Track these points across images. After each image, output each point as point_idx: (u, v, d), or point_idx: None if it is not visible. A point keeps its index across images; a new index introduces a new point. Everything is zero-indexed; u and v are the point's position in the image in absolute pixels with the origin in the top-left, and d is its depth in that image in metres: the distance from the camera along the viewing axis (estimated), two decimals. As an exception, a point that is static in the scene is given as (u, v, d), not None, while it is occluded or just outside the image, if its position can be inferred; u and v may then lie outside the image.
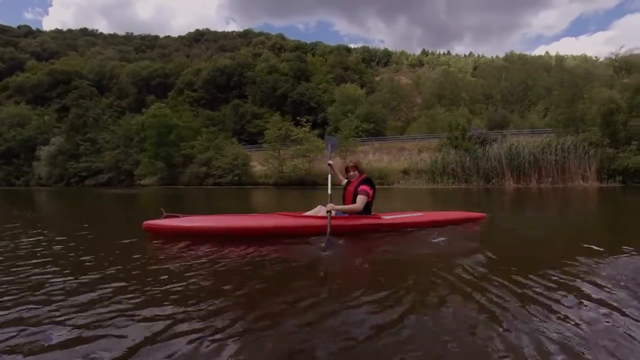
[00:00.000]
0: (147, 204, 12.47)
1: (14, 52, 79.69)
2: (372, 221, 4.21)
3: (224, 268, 2.80)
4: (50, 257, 3.35)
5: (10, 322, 1.90)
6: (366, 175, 4.32)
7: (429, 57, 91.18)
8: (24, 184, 49.17)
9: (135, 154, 39.01)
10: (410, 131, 38.67)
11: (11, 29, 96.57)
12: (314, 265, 2.93)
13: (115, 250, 3.57)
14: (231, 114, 46.78)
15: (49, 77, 64.13)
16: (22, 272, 2.81)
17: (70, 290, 2.39)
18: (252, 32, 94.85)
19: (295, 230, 3.88)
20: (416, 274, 2.63)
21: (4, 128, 53.93)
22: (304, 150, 26.10)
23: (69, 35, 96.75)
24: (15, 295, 2.29)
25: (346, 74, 58.29)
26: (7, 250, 3.72)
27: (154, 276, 2.64)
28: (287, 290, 2.28)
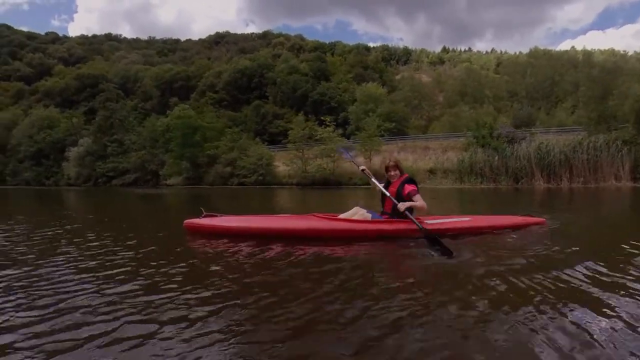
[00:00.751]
0: (175, 204, 12.75)
1: (43, 58, 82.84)
2: (414, 226, 3.79)
3: (260, 268, 2.84)
4: (97, 254, 3.48)
5: (53, 315, 1.95)
6: (408, 175, 4.07)
7: (449, 54, 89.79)
8: (53, 183, 50.92)
9: (161, 155, 39.82)
10: (433, 130, 38.17)
11: (39, 36, 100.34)
12: (347, 270, 2.79)
13: (157, 247, 3.72)
14: (252, 114, 47.21)
15: (76, 81, 66.45)
16: (68, 269, 2.89)
17: (113, 284, 2.47)
18: (271, 33, 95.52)
19: (332, 233, 3.77)
20: (469, 285, 2.35)
21: (34, 130, 56.03)
22: (328, 150, 26.07)
23: (94, 40, 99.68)
24: (57, 291, 2.36)
25: (366, 73, 58.00)
26: (44, 248, 3.86)
27: (193, 273, 2.74)
28: (318, 294, 2.24)
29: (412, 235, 3.76)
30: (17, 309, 2.09)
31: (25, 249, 3.82)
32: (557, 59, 56.59)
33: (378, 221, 3.87)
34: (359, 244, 3.60)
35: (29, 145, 55.12)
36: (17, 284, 2.55)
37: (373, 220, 3.87)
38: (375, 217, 3.95)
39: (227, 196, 16.84)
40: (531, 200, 10.75)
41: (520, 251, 3.30)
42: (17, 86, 74.37)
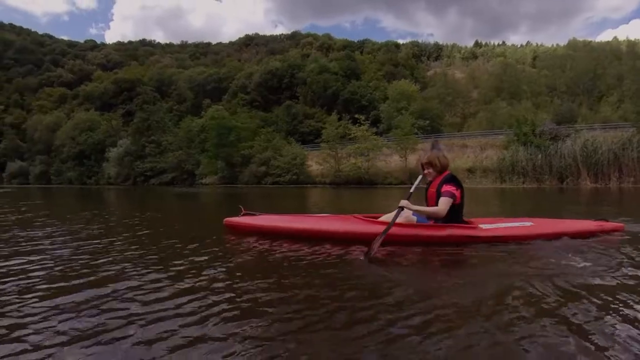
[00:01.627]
0: (211, 202, 12.89)
1: (82, 64, 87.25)
2: (465, 231, 3.38)
3: (297, 269, 2.76)
4: (139, 249, 3.58)
5: (91, 309, 1.98)
6: (450, 173, 3.52)
7: (482, 49, 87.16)
8: (94, 182, 53.45)
9: (197, 155, 40.85)
10: (469, 127, 37.23)
11: (79, 44, 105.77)
12: (383, 278, 2.59)
13: (197, 243, 3.73)
14: (283, 114, 47.59)
15: (114, 86, 69.54)
16: (109, 264, 2.96)
17: (154, 279, 2.51)
18: (300, 33, 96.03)
19: (373, 237, 3.53)
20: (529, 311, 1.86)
21: (76, 132, 59.05)
22: (363, 148, 25.85)
23: (130, 46, 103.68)
24: (97, 285, 2.40)
25: (397, 71, 57.31)
26: (86, 241, 4.01)
27: (227, 270, 2.74)
28: (344, 301, 2.11)
29: (467, 242, 3.34)
30: (57, 296, 2.20)
31: (69, 241, 4.09)
32: (598, 51, 53.79)
33: (426, 226, 3.45)
34: (402, 249, 3.27)
35: (72, 147, 58.23)
36: (59, 273, 2.71)
37: (419, 225, 3.46)
38: (422, 220, 3.53)
39: (261, 195, 16.85)
40: (587, 202, 10.21)
41: (603, 268, 2.60)
42: (59, 91, 78.74)
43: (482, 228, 3.46)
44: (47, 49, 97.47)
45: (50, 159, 62.71)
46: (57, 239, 4.22)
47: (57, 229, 5.25)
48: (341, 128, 28.05)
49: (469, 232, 3.39)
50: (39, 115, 69.55)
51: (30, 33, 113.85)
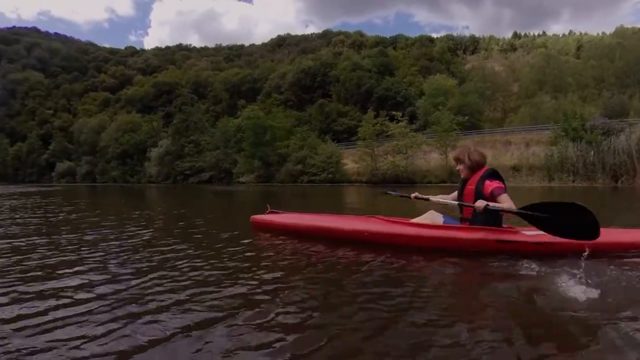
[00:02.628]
0: (246, 200, 13.30)
1: (124, 70, 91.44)
2: (502, 236, 3.00)
3: (312, 267, 2.82)
4: (172, 242, 3.92)
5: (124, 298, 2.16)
6: (491, 168, 3.22)
7: (522, 40, 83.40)
8: (136, 181, 55.73)
9: (234, 154, 41.79)
10: (511, 123, 35.75)
11: (120, 50, 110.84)
12: (400, 281, 2.47)
13: (224, 238, 4.04)
14: (317, 113, 47.73)
15: (154, 89, 72.53)
16: (141, 256, 3.29)
17: (182, 270, 2.74)
18: (331, 32, 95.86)
19: (393, 239, 3.33)
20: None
21: (119, 134, 62.01)
22: (401, 146, 25.38)
23: (167, 51, 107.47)
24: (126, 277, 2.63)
25: (432, 65, 55.93)
26: (123, 236, 4.37)
27: (247, 265, 2.85)
28: (352, 302, 2.09)
29: (503, 249, 2.94)
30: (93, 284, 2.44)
31: (111, 233, 4.59)
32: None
33: (451, 227, 3.19)
34: (426, 254, 3.07)
35: (115, 147, 61.14)
36: (101, 263, 3.03)
37: (444, 226, 3.23)
38: (450, 221, 3.32)
39: (295, 194, 17.11)
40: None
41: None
42: (103, 96, 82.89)
43: (523, 233, 3.04)
44: (90, 57, 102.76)
45: (95, 159, 66.09)
46: (107, 232, 4.64)
47: (108, 222, 5.79)
48: (378, 125, 27.60)
49: (506, 237, 2.99)
50: (85, 119, 73.50)
51: (74, 42, 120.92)
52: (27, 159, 75.19)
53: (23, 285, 2.47)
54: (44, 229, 5.19)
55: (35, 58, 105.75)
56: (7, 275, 2.67)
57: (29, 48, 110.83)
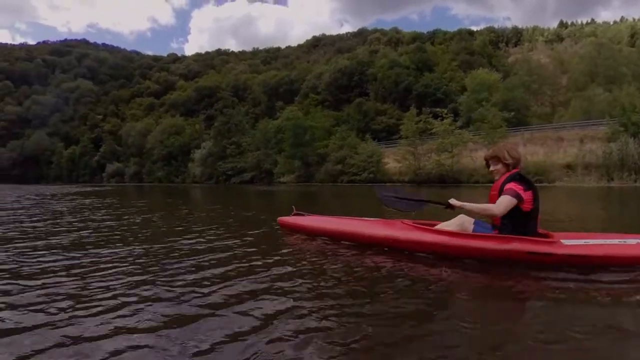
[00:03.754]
0: (283, 200, 13.49)
1: (167, 76, 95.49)
2: (536, 247, 2.72)
3: (330, 271, 2.79)
4: (203, 238, 4.24)
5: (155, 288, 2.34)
6: (519, 170, 2.93)
7: (569, 29, 78.93)
8: (181, 181, 57.89)
9: (274, 154, 42.51)
10: (561, 117, 33.96)
11: (162, 58, 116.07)
12: (417, 289, 2.38)
13: (250, 236, 4.25)
14: (355, 112, 47.50)
15: (196, 93, 75.40)
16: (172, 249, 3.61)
17: (204, 265, 2.97)
18: (366, 30, 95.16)
19: (415, 246, 3.18)
20: None
21: (164, 136, 64.84)
22: (446, 144, 24.68)
23: (207, 56, 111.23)
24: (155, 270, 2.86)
25: (473, 60, 54.08)
26: (162, 230, 4.82)
27: (266, 266, 2.90)
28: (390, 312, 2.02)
29: (537, 261, 2.72)
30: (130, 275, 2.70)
31: (152, 227, 5.12)
32: None
33: (478, 236, 2.94)
34: (454, 264, 2.91)
35: (161, 149, 64.04)
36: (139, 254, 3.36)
37: (471, 235, 2.99)
38: (480, 230, 3.05)
39: (333, 194, 17.09)
40: None
41: None
42: (148, 101, 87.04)
43: (562, 244, 2.72)
44: (135, 64, 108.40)
45: (142, 160, 69.56)
46: (158, 227, 5.16)
47: (154, 218, 6.52)
48: (421, 123, 26.87)
49: (539, 248, 2.68)
50: (132, 123, 77.62)
51: (120, 51, 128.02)
52: (80, 160, 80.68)
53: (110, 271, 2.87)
54: (107, 224, 5.67)
55: (85, 67, 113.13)
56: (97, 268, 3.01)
57: (79, 59, 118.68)
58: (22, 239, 4.30)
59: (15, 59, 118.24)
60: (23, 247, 3.78)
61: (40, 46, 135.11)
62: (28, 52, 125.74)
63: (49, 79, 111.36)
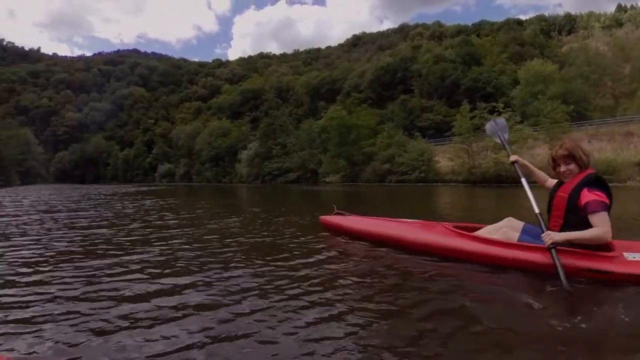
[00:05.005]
0: (327, 199, 13.43)
1: (213, 80, 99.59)
2: (598, 264, 2.35)
3: (364, 275, 2.70)
4: (244, 234, 4.56)
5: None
6: (594, 172, 2.48)
7: (628, 13, 73.02)
8: (228, 181, 59.99)
9: (319, 154, 42.85)
10: (626, 110, 31.57)
11: (208, 63, 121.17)
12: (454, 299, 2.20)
13: (291, 234, 4.39)
14: (399, 110, 46.93)
15: (240, 96, 78.16)
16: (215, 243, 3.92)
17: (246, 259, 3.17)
18: (408, 25, 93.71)
19: (450, 252, 2.96)
20: None
21: (212, 138, 67.63)
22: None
23: (250, 60, 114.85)
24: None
25: (524, 51, 51.63)
26: (206, 228, 5.11)
27: (298, 265, 2.93)
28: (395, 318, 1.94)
29: (590, 278, 2.35)
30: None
31: (195, 224, 5.51)
32: None
33: (527, 247, 2.60)
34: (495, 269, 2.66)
35: (209, 150, 66.83)
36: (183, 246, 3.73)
37: (518, 245, 2.65)
38: (528, 239, 2.68)
39: (380, 194, 16.61)
40: None
41: None
42: (196, 105, 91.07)
43: (624, 259, 2.37)
44: (183, 71, 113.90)
45: (191, 161, 72.96)
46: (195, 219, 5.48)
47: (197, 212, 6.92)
48: (476, 119, 25.45)
49: (600, 266, 2.31)
50: (181, 126, 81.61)
51: (168, 59, 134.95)
52: (134, 162, 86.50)
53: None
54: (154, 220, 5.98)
55: (137, 75, 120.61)
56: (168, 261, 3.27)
57: (131, 67, 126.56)
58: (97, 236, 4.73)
59: (75, 70, 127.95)
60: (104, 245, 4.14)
61: (96, 57, 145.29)
62: (85, 63, 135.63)
63: (104, 87, 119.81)
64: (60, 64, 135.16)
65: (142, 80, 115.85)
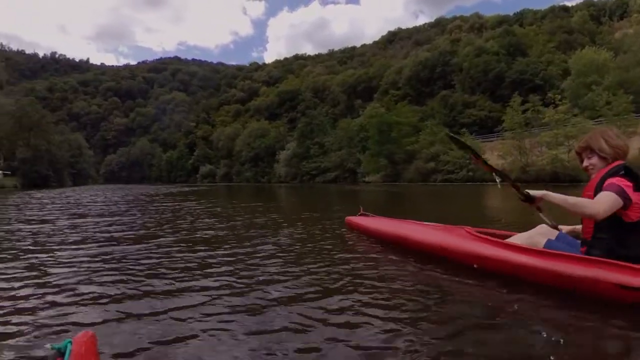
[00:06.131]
0: (365, 199, 13.18)
1: (250, 84, 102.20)
2: (633, 279, 1.89)
3: (380, 278, 2.58)
4: (274, 231, 4.77)
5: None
6: (623, 163, 2.11)
7: (690, -8, 67.32)
8: (267, 181, 61.23)
9: (358, 153, 42.64)
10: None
11: (245, 67, 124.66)
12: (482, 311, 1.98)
13: (316, 235, 4.41)
14: (439, 106, 45.75)
15: (277, 98, 79.64)
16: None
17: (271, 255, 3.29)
18: (445, 19, 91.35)
19: (480, 262, 2.60)
20: None
21: (250, 139, 69.30)
22: (562, 136, 21.41)
23: (285, 62, 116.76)
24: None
25: (572, 39, 48.91)
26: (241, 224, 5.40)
27: (328, 265, 2.91)
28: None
29: (623, 297, 1.92)
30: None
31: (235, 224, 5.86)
32: None
33: (556, 256, 2.20)
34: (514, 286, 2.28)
35: (248, 151, 68.59)
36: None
37: (548, 254, 2.24)
38: (555, 247, 2.27)
39: (422, 194, 16.00)
40: None
41: None
42: (234, 107, 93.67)
43: None
44: (221, 75, 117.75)
45: (231, 162, 75.22)
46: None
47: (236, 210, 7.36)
48: (530, 112, 23.97)
49: (632, 280, 1.90)
50: (221, 128, 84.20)
51: (207, 64, 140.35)
52: (177, 163, 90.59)
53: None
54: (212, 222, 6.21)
55: (178, 81, 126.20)
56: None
57: (173, 74, 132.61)
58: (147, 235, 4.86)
59: (121, 78, 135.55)
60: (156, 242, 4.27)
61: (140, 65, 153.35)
62: (130, 71, 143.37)
63: (148, 94, 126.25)
64: (107, 73, 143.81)
65: (183, 86, 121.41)
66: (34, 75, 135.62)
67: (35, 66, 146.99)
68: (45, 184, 47.09)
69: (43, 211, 8.90)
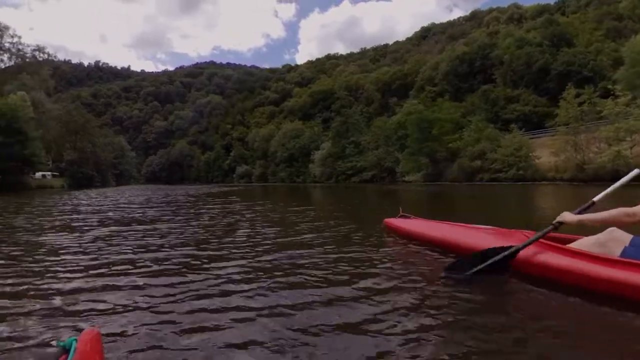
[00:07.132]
0: (406, 200, 12.78)
1: (283, 85, 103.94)
2: None
3: (419, 282, 2.44)
4: (310, 231, 4.77)
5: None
6: None
7: None
8: (302, 181, 61.60)
9: (396, 152, 41.94)
10: None
11: (278, 69, 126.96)
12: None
13: (354, 237, 4.28)
14: (480, 102, 44.28)
15: (311, 98, 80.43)
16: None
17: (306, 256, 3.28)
18: (481, 11, 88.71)
19: (537, 269, 2.34)
20: None
21: (285, 140, 70.33)
22: (624, 130, 19.74)
23: (317, 63, 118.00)
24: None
25: (622, 26, 46.10)
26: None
27: (368, 268, 2.81)
28: None
29: None
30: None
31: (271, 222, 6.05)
32: None
33: (626, 264, 1.96)
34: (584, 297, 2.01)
35: (283, 152, 69.56)
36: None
37: (627, 263, 1.96)
38: (636, 255, 2.00)
39: (468, 194, 15.10)
40: None
41: None
42: (269, 109, 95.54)
43: None
44: (255, 77, 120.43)
45: (266, 162, 76.72)
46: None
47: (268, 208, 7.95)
48: (587, 105, 22.10)
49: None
50: (256, 129, 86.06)
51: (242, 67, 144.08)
52: (214, 164, 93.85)
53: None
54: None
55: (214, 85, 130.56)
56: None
57: (209, 78, 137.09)
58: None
59: (160, 83, 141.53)
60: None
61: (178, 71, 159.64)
62: (169, 76, 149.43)
63: (186, 97, 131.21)
64: (147, 79, 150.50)
65: (219, 89, 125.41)
66: (79, 83, 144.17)
67: (81, 74, 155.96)
68: (90, 184, 49.99)
69: (98, 214, 8.54)
